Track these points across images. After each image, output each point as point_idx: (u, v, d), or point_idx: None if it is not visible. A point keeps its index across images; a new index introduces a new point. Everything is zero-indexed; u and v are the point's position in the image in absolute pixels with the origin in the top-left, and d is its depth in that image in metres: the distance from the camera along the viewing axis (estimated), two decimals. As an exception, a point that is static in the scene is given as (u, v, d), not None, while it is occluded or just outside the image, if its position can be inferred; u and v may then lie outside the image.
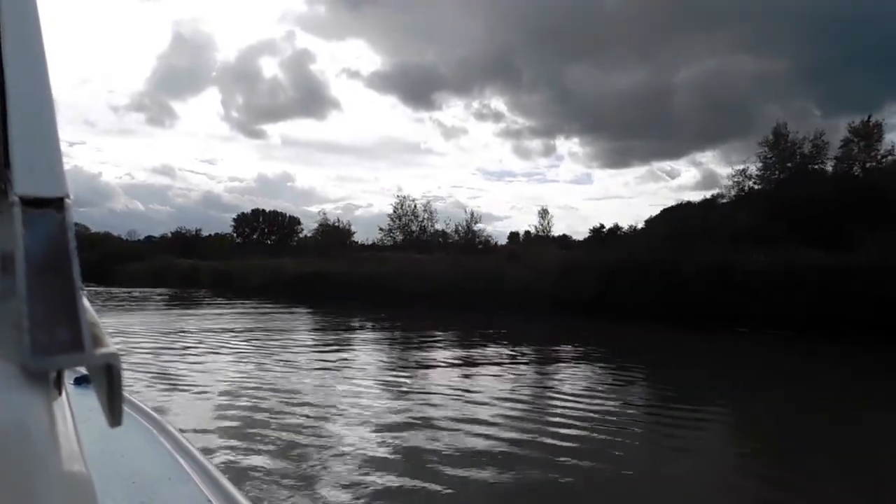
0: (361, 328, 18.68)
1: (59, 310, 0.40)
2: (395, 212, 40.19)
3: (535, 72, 70.16)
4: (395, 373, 10.38)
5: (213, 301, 29.21)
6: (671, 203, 76.50)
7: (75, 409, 0.62)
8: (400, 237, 39.34)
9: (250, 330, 16.75)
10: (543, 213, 36.60)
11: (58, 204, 0.44)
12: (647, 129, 63.44)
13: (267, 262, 36.83)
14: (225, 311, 23.97)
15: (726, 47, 60.68)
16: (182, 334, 15.13)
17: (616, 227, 40.55)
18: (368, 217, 72.15)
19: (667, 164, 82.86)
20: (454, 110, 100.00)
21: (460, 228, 36.97)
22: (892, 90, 49.39)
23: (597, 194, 76.67)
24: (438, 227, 39.50)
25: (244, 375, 9.51)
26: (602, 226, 42.22)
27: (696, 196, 79.93)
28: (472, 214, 37.55)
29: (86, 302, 0.43)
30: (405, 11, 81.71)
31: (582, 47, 69.62)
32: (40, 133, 0.45)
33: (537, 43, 68.43)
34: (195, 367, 10.14)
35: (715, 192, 37.11)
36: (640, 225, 37.62)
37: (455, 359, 12.29)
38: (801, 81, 56.77)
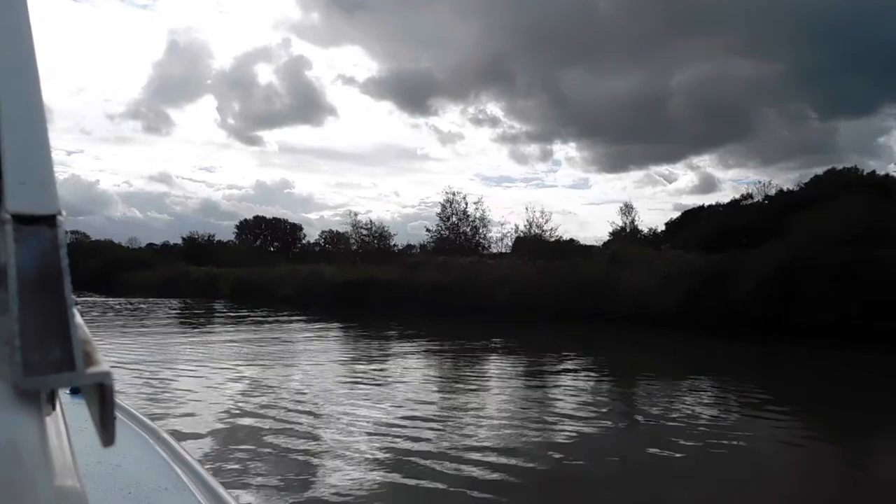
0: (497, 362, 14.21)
1: (50, 328, 0.39)
2: (443, 211, 35.50)
3: (531, 76, 69.63)
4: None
5: (241, 315, 24.68)
6: (670, 207, 75.48)
7: (71, 419, 0.59)
8: (451, 238, 34.47)
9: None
10: (627, 210, 32.03)
11: (50, 221, 0.43)
12: (644, 134, 62.84)
13: (300, 269, 32.31)
14: (267, 330, 19.49)
15: (722, 51, 60.43)
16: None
17: (636, 230, 38.09)
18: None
19: (664, 169, 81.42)
20: (450, 116, 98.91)
21: (528, 227, 32.27)
22: (888, 93, 48.64)
23: (595, 199, 75.66)
24: (493, 227, 34.94)
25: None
26: (623, 228, 39.10)
27: (693, 200, 78.28)
28: (541, 212, 33.03)
29: (78, 319, 0.43)
30: (399, 17, 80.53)
31: (577, 52, 68.84)
32: (32, 149, 0.45)
33: (532, 48, 67.99)
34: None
35: (744, 192, 34.79)
36: (661, 228, 35.73)
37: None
38: (797, 84, 56.28)
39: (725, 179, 74.00)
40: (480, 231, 34.75)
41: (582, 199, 76.39)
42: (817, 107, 58.88)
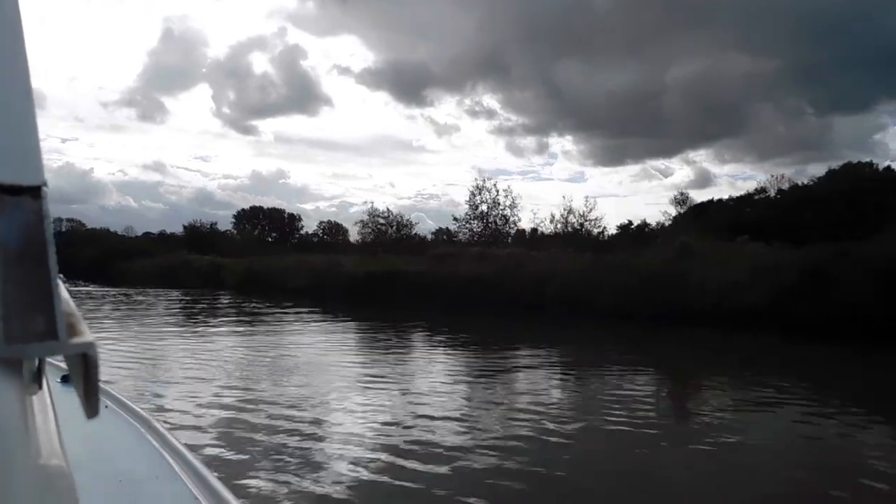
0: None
1: (34, 298, 0.39)
2: (471, 199, 32.50)
3: (527, 69, 69.10)
4: None
5: (253, 308, 22.19)
6: (666, 202, 74.71)
7: (61, 407, 0.61)
8: (478, 229, 31.85)
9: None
10: (681, 200, 29.37)
11: (34, 192, 0.42)
12: (641, 128, 62.49)
13: (315, 260, 29.83)
14: (285, 327, 17.04)
15: (719, 46, 59.49)
16: None
17: (644, 224, 37.39)
18: (363, 215, 66.34)
19: (661, 163, 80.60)
20: (446, 107, 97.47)
21: (564, 218, 29.62)
22: (884, 89, 47.48)
23: (591, 192, 75.71)
24: (523, 216, 32.49)
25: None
26: (630, 222, 38.30)
27: (689, 194, 76.52)
28: (586, 200, 30.44)
29: (62, 290, 0.42)
30: (395, 7, 78.93)
31: (574, 45, 67.72)
32: (16, 120, 0.44)
33: (529, 40, 67.11)
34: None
35: (758, 186, 34.98)
36: (668, 222, 34.46)
37: None
38: (794, 80, 55.38)
39: (721, 174, 73.14)
40: (510, 220, 32.10)
41: (578, 192, 74.98)
42: (814, 103, 58.54)
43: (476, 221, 31.77)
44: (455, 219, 33.10)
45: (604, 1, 64.22)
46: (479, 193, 31.85)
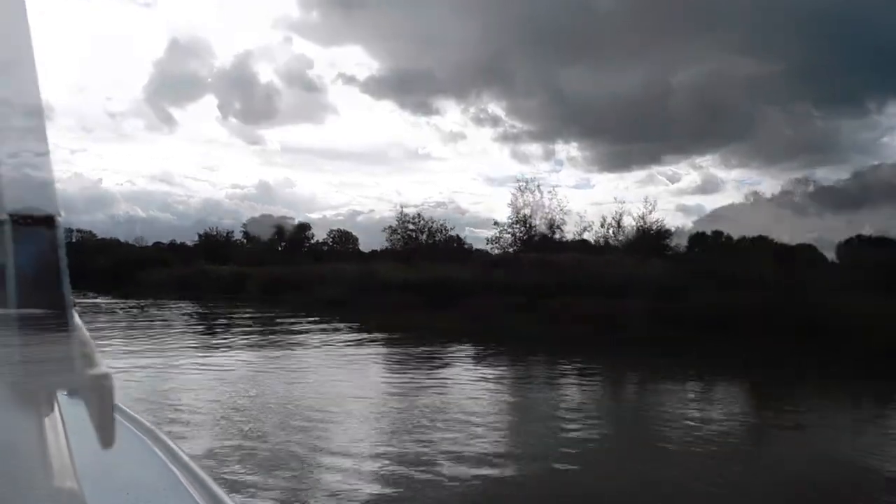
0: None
1: (49, 329, 0.39)
2: (513, 201, 30.27)
3: (531, 75, 67.55)
4: None
5: (295, 322, 20.08)
6: (672, 208, 73.35)
7: (69, 420, 0.61)
8: (521, 234, 29.65)
9: None
10: (754, 200, 27.10)
11: (49, 221, 0.42)
12: (647, 133, 62.04)
13: (347, 268, 27.86)
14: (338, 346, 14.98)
15: (722, 49, 57.81)
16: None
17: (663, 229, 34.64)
18: (370, 224, 63.54)
19: (667, 169, 79.21)
20: (451, 115, 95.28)
21: (617, 222, 27.44)
22: (892, 92, 46.54)
23: (598, 199, 73.72)
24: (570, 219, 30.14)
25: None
26: (650, 226, 35.61)
27: (696, 200, 74.98)
28: (645, 200, 28.28)
29: (77, 320, 0.43)
30: (400, 16, 78.14)
31: (577, 50, 66.73)
32: (31, 153, 0.44)
33: (533, 47, 65.20)
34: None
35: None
36: (688, 227, 32.32)
37: None
38: (800, 83, 54.00)
39: (728, 179, 71.88)
40: (555, 224, 29.85)
41: (586, 199, 74.25)
42: (820, 106, 57.18)
43: (518, 226, 29.81)
44: (496, 223, 30.96)
45: (606, 6, 63.08)
46: (521, 196, 29.91)
